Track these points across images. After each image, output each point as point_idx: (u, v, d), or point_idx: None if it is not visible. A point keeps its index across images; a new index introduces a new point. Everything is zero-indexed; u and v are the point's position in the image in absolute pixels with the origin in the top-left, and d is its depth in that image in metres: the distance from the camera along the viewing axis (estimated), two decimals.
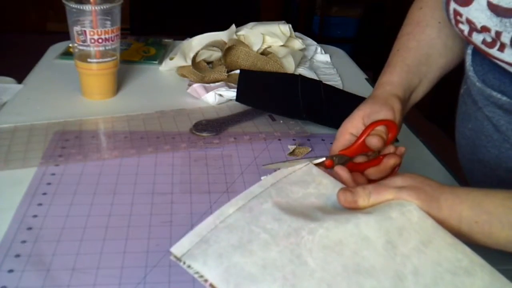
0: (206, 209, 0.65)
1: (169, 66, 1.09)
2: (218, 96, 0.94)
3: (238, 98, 0.90)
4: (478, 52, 0.61)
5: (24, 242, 0.57)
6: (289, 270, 0.43)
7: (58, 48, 1.18)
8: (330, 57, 1.21)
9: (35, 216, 0.61)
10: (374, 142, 0.61)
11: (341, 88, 1.05)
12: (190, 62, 1.03)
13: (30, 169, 0.71)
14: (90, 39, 0.88)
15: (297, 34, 1.21)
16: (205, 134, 0.82)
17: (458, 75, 0.72)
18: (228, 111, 0.91)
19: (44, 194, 0.66)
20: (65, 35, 0.97)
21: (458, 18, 0.60)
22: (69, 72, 0.99)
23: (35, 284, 0.52)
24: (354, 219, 0.48)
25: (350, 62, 1.26)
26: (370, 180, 0.62)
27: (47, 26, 3.60)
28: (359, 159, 0.63)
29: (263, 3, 1.98)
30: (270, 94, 0.95)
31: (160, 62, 1.13)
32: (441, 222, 0.49)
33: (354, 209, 0.50)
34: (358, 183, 0.58)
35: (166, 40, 1.26)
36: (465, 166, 0.73)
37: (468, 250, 0.47)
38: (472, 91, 0.65)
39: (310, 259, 0.44)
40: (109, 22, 0.88)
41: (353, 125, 0.64)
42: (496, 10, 0.54)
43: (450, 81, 0.80)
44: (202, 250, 0.44)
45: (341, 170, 0.59)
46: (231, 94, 0.93)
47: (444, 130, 2.39)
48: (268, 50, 1.11)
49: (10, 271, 0.53)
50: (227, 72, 1.01)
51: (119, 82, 0.99)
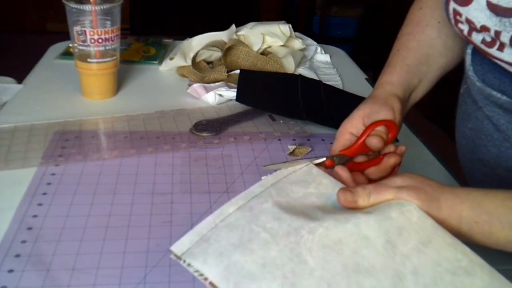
0: (206, 209, 0.65)
1: (169, 66, 1.09)
2: (218, 96, 0.94)
3: (238, 98, 0.90)
4: (477, 51, 0.61)
5: (24, 242, 0.57)
6: (288, 268, 0.43)
7: (58, 48, 1.18)
8: (330, 57, 1.21)
9: (35, 216, 0.61)
10: (374, 142, 0.61)
11: (341, 88, 1.05)
12: (190, 62, 1.03)
13: (30, 169, 0.71)
14: (90, 39, 0.88)
15: (297, 34, 1.21)
16: (205, 134, 0.82)
17: (458, 75, 0.72)
18: (228, 111, 0.91)
19: (44, 194, 0.66)
20: (65, 35, 0.97)
21: (458, 17, 0.60)
22: (69, 72, 0.99)
23: (35, 284, 0.52)
24: (354, 219, 0.48)
25: (350, 62, 1.25)
26: (371, 179, 0.62)
27: (47, 26, 3.60)
28: (360, 159, 0.63)
29: (263, 3, 1.98)
30: (270, 94, 0.95)
31: (160, 62, 1.13)
32: (441, 222, 0.49)
33: (354, 208, 0.50)
34: (358, 183, 0.58)
35: (166, 40, 1.26)
36: (465, 166, 0.73)
37: (467, 250, 0.47)
38: (472, 91, 0.65)
39: (309, 258, 0.44)
40: (109, 22, 0.88)
41: (352, 125, 0.64)
42: (495, 10, 0.54)
43: (450, 81, 0.80)
44: (202, 249, 0.44)
45: (341, 170, 0.59)
46: (231, 94, 0.93)
47: (444, 130, 2.39)
48: (268, 50, 1.11)
49: (10, 271, 0.53)
50: (227, 72, 1.01)
51: (119, 82, 0.99)
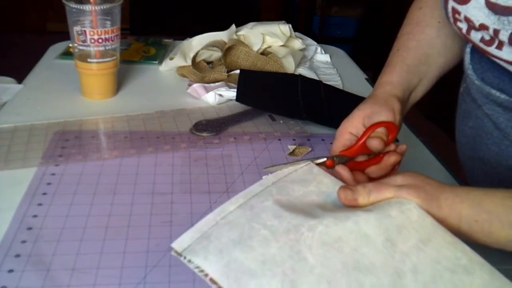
0: (206, 209, 0.65)
1: (169, 66, 1.09)
2: (218, 96, 0.94)
3: (238, 98, 0.90)
4: (477, 50, 0.61)
5: (24, 242, 0.57)
6: (288, 266, 0.43)
7: (58, 48, 1.18)
8: (330, 57, 1.21)
9: (35, 216, 0.61)
10: (375, 144, 0.61)
11: (341, 88, 1.05)
12: (190, 62, 1.03)
13: (30, 169, 0.71)
14: (90, 39, 0.88)
15: (297, 34, 1.21)
16: (205, 134, 0.82)
17: (457, 75, 0.72)
18: (228, 111, 0.91)
19: (44, 194, 0.66)
20: (65, 35, 0.97)
21: (457, 16, 0.60)
22: (69, 72, 0.99)
23: (35, 284, 0.52)
24: (353, 217, 0.48)
25: (350, 62, 1.25)
26: (371, 178, 0.62)
27: (47, 26, 3.60)
28: (360, 158, 0.63)
29: (263, 3, 1.98)
30: (270, 94, 0.95)
31: (160, 62, 1.13)
32: (441, 221, 0.49)
33: (354, 207, 0.50)
34: (359, 182, 0.58)
35: (166, 40, 1.26)
36: (465, 165, 0.73)
37: (467, 249, 0.47)
38: (471, 89, 0.65)
39: (309, 255, 0.44)
40: (109, 22, 0.88)
41: (352, 124, 0.64)
42: (494, 8, 0.54)
43: (450, 80, 0.80)
44: (203, 246, 0.44)
45: (342, 170, 0.59)
46: (231, 94, 0.93)
47: (444, 130, 2.39)
48: (268, 50, 1.11)
49: (10, 271, 0.53)
50: (227, 72, 1.01)
51: (119, 82, 0.99)
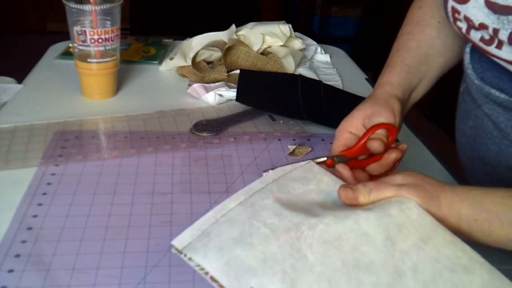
0: (206, 209, 0.64)
1: (169, 66, 1.09)
2: (218, 96, 0.94)
3: (238, 98, 0.90)
4: (476, 50, 0.61)
5: (24, 242, 0.57)
6: (289, 264, 0.43)
7: (58, 48, 1.18)
8: (330, 57, 1.21)
9: (35, 216, 0.61)
10: (375, 146, 0.61)
11: (341, 88, 1.05)
12: (190, 62, 1.03)
13: (30, 169, 0.71)
14: (90, 39, 0.88)
15: (297, 34, 1.21)
16: (205, 134, 0.82)
17: (457, 75, 0.72)
18: (228, 111, 0.91)
19: (44, 194, 0.66)
20: (65, 35, 0.97)
21: (456, 15, 0.60)
22: (69, 72, 0.99)
23: (35, 284, 0.52)
24: (353, 215, 0.48)
25: (350, 62, 1.25)
26: (372, 176, 0.62)
27: (47, 26, 3.60)
28: (360, 157, 0.63)
29: (263, 3, 1.98)
30: (270, 94, 0.95)
31: (160, 62, 1.13)
32: (440, 220, 0.49)
33: (354, 205, 0.50)
34: (360, 181, 0.58)
35: (166, 40, 1.26)
36: (465, 165, 0.73)
37: (467, 248, 0.47)
38: (471, 89, 0.65)
39: (310, 254, 0.44)
40: (109, 22, 0.88)
41: (352, 124, 0.64)
42: (493, 8, 0.54)
43: (450, 80, 0.80)
44: (203, 243, 0.44)
45: (342, 168, 0.59)
46: (231, 94, 0.93)
47: (444, 130, 2.39)
48: (268, 50, 1.11)
49: (10, 271, 0.53)
50: (227, 72, 1.01)
51: (119, 82, 0.99)
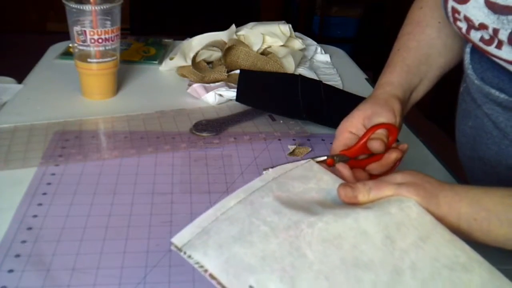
0: (206, 209, 0.63)
1: (169, 66, 1.09)
2: (218, 96, 0.94)
3: (238, 98, 0.90)
4: (476, 50, 0.61)
5: (24, 242, 0.57)
6: (288, 262, 0.43)
7: (58, 48, 1.18)
8: (330, 57, 1.21)
9: (35, 216, 0.61)
10: (376, 146, 0.61)
11: (341, 88, 1.05)
12: (190, 62, 1.03)
13: (30, 169, 0.71)
14: (90, 39, 0.88)
15: (297, 34, 1.21)
16: (205, 134, 0.82)
17: (457, 75, 0.72)
18: (228, 111, 0.91)
19: (44, 194, 0.66)
20: (65, 35, 0.97)
21: (456, 15, 0.60)
22: (69, 72, 0.99)
23: (35, 284, 0.52)
24: (353, 214, 0.48)
25: (350, 62, 1.25)
26: (372, 175, 0.62)
27: (47, 26, 3.60)
28: (361, 156, 0.63)
29: (263, 3, 1.98)
30: (270, 94, 0.95)
31: (160, 62, 1.13)
32: (440, 219, 0.49)
33: (354, 204, 0.50)
34: (359, 179, 0.58)
35: (166, 40, 1.26)
36: (465, 165, 0.73)
37: (466, 247, 0.47)
38: (471, 89, 0.65)
39: (309, 252, 0.44)
40: (109, 22, 0.88)
41: (352, 124, 0.64)
42: (493, 8, 0.54)
43: (450, 80, 0.80)
44: (202, 241, 0.44)
45: (342, 168, 0.59)
46: (231, 94, 0.93)
47: (444, 130, 2.39)
48: (268, 50, 1.11)
49: (10, 271, 0.53)
50: (227, 72, 1.01)
51: (119, 82, 0.99)
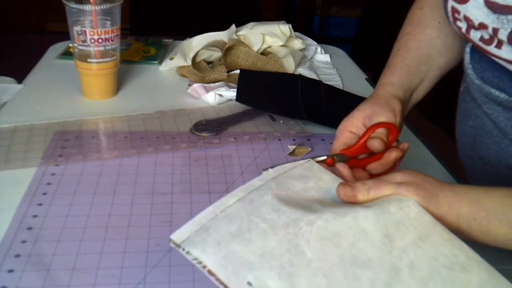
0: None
1: (169, 66, 1.09)
2: (218, 96, 0.94)
3: (238, 98, 0.90)
4: (476, 49, 0.62)
5: (24, 242, 0.57)
6: (286, 259, 0.43)
7: (58, 48, 1.18)
8: (330, 57, 1.21)
9: (35, 216, 0.61)
10: (375, 145, 0.61)
11: (341, 88, 1.05)
12: (190, 62, 1.03)
13: (30, 169, 0.71)
14: (90, 39, 0.88)
15: (297, 34, 1.21)
16: (205, 134, 0.82)
17: (458, 75, 0.72)
18: (228, 111, 0.91)
19: (44, 194, 0.66)
20: (65, 35, 0.97)
21: (456, 15, 0.61)
22: (69, 72, 0.99)
23: (35, 284, 0.52)
24: (352, 212, 0.48)
25: (350, 62, 1.25)
26: (372, 175, 0.62)
27: (47, 26, 3.60)
28: (361, 156, 0.63)
29: (263, 3, 1.98)
30: (270, 94, 0.95)
31: (160, 62, 1.13)
32: (439, 219, 0.49)
33: (353, 203, 0.50)
34: (359, 179, 0.58)
35: (166, 40, 1.26)
36: (465, 164, 0.73)
37: (465, 247, 0.47)
38: (471, 89, 0.65)
39: (307, 249, 0.44)
40: (109, 22, 0.88)
41: (353, 124, 0.64)
42: (493, 7, 0.54)
43: (450, 81, 0.80)
44: (201, 238, 0.44)
45: (342, 167, 0.59)
46: (231, 94, 0.93)
47: (444, 130, 2.39)
48: (268, 50, 1.11)
49: (10, 271, 0.53)
50: (227, 72, 1.01)
51: (119, 82, 0.99)
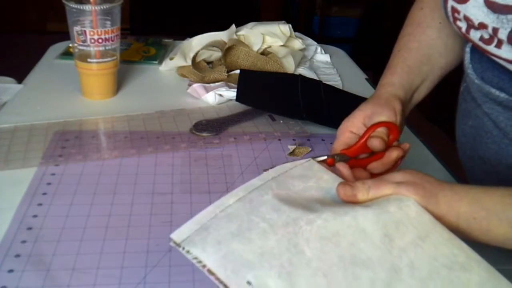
0: None
1: (169, 66, 1.09)
2: (218, 96, 0.94)
3: (238, 98, 0.90)
4: (476, 49, 0.62)
5: (24, 242, 0.57)
6: (286, 258, 0.43)
7: (58, 48, 1.18)
8: (330, 57, 1.21)
9: (35, 216, 0.61)
10: (375, 144, 0.61)
11: (341, 88, 1.05)
12: (190, 62, 1.03)
13: (30, 169, 0.71)
14: (90, 39, 0.88)
15: (297, 34, 1.21)
16: (205, 134, 0.82)
17: (458, 76, 0.72)
18: (228, 111, 0.91)
19: (44, 194, 0.66)
20: (65, 35, 0.97)
21: (456, 15, 0.61)
22: (69, 72, 0.99)
23: (35, 284, 0.52)
24: (352, 212, 0.48)
25: (350, 62, 1.25)
26: (373, 174, 0.62)
27: (47, 26, 3.60)
28: (362, 155, 0.63)
29: (263, 3, 1.98)
30: (270, 94, 0.95)
31: (160, 62, 1.13)
32: (439, 218, 0.49)
33: (353, 203, 0.50)
34: (360, 179, 0.58)
35: (166, 40, 1.26)
36: (465, 164, 0.73)
37: (465, 246, 0.47)
38: (471, 89, 0.66)
39: (307, 249, 0.44)
40: (109, 22, 0.88)
41: (353, 124, 0.64)
42: (492, 7, 0.54)
43: (450, 81, 0.80)
44: (201, 237, 0.44)
45: (342, 167, 0.59)
46: (231, 94, 0.93)
47: (444, 130, 2.39)
48: (268, 50, 1.11)
49: (10, 271, 0.53)
50: (227, 72, 1.01)
51: (119, 82, 0.99)
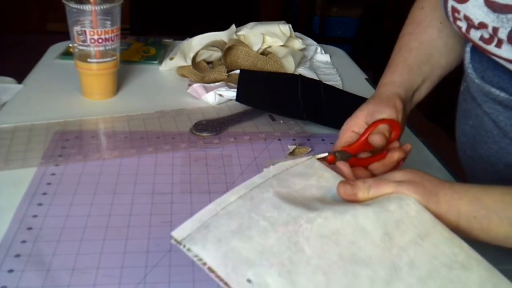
0: None
1: (169, 66, 1.09)
2: (218, 96, 0.94)
3: (238, 98, 0.90)
4: (476, 49, 0.62)
5: (24, 242, 0.57)
6: (286, 256, 0.43)
7: (58, 48, 1.18)
8: (330, 57, 1.21)
9: (35, 216, 0.61)
10: (376, 140, 0.61)
11: (341, 88, 1.05)
12: (190, 62, 1.03)
13: (30, 169, 0.71)
14: (90, 39, 0.88)
15: (297, 34, 1.21)
16: (205, 134, 0.82)
17: (458, 76, 0.72)
18: (228, 111, 0.91)
19: (44, 194, 0.66)
20: (65, 35, 0.97)
21: (456, 15, 0.61)
22: (69, 72, 0.99)
23: (35, 284, 0.52)
24: (352, 210, 0.48)
25: (350, 62, 1.25)
26: (374, 174, 0.62)
27: (47, 26, 3.60)
28: (363, 155, 0.63)
29: (263, 3, 1.98)
30: (270, 94, 0.95)
31: (160, 62, 1.13)
32: (439, 217, 0.49)
33: (353, 201, 0.50)
34: (360, 178, 0.58)
35: (166, 40, 1.26)
36: (465, 164, 0.73)
37: (465, 245, 0.47)
38: (471, 88, 0.66)
39: (307, 247, 0.44)
40: (109, 22, 0.88)
41: (356, 123, 0.64)
42: (492, 6, 0.54)
43: (450, 81, 0.80)
44: (202, 235, 0.44)
45: (342, 165, 0.59)
46: (231, 94, 0.93)
47: (444, 130, 2.39)
48: (268, 50, 1.11)
49: (10, 271, 0.53)
50: (227, 72, 1.01)
51: (119, 82, 0.99)
